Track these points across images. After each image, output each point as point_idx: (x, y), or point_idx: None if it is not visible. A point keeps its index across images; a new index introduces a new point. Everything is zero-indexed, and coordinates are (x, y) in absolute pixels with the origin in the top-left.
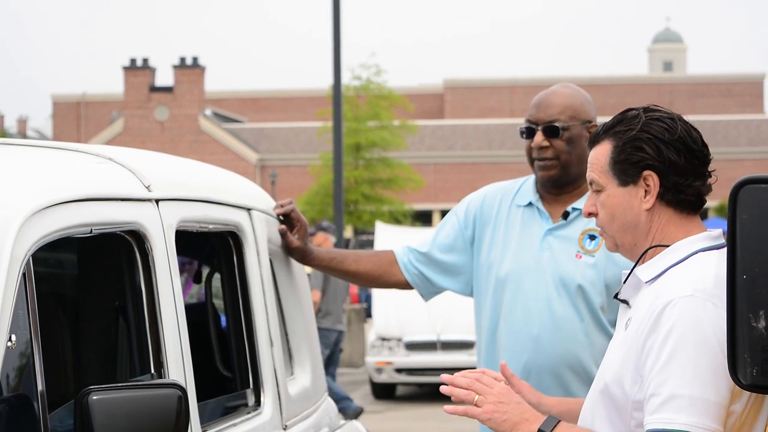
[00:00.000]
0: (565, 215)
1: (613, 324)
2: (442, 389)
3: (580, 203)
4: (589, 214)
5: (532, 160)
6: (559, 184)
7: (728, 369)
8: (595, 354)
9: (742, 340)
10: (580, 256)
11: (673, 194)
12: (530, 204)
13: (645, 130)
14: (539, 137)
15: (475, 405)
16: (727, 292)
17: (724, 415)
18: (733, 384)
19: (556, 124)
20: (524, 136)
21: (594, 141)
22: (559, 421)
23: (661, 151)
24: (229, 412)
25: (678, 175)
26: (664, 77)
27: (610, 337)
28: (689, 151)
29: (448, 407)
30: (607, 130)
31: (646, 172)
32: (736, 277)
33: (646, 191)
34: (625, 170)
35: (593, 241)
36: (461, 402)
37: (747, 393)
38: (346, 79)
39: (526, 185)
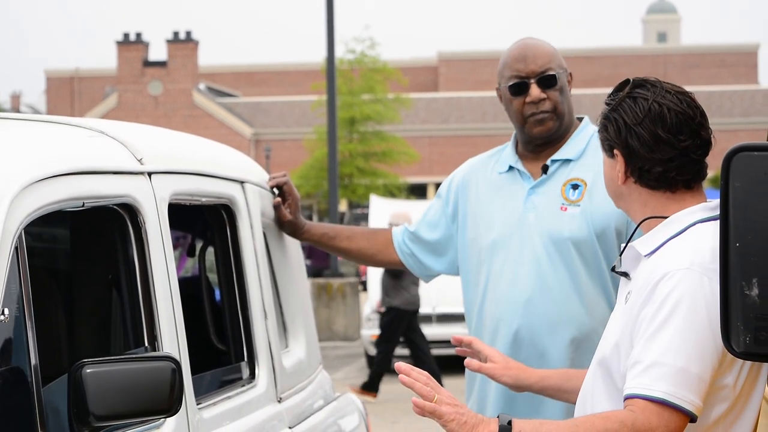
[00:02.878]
0: (545, 169)
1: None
2: (401, 378)
3: (559, 154)
4: None
5: (523, 119)
6: (551, 138)
7: (721, 337)
8: (590, 308)
9: (735, 308)
10: (565, 209)
11: (638, 175)
12: (510, 168)
13: (615, 109)
14: (536, 90)
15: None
16: (720, 260)
17: (704, 390)
18: (718, 360)
19: (552, 73)
20: (512, 93)
21: None
22: (512, 419)
23: (620, 134)
24: (224, 384)
25: (638, 159)
26: (658, 48)
27: (604, 289)
28: (653, 138)
29: (417, 402)
30: (608, 96)
31: (615, 150)
32: (729, 245)
33: (619, 167)
34: (602, 144)
35: (576, 191)
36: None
37: (737, 365)
38: (340, 52)
39: (506, 151)
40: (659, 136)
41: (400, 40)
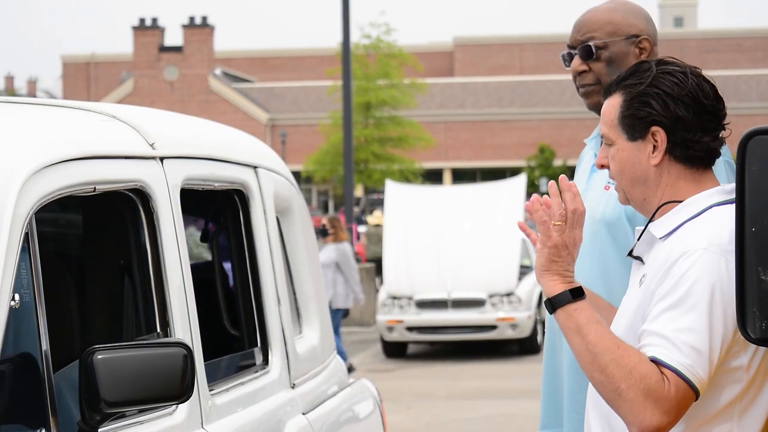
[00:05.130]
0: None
1: None
2: (526, 207)
3: None
4: (602, 167)
5: (578, 89)
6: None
7: (737, 323)
8: (615, 295)
9: (751, 294)
10: (608, 188)
11: (682, 150)
12: (594, 138)
13: (654, 85)
14: (576, 61)
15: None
16: (735, 244)
17: (711, 372)
18: (731, 340)
19: (590, 44)
20: (566, 64)
21: (607, 92)
22: (584, 297)
23: (668, 107)
24: (237, 370)
25: (686, 130)
26: (674, 33)
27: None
28: (699, 106)
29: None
30: (619, 83)
31: (654, 128)
32: (744, 230)
33: (654, 147)
34: (633, 125)
35: None
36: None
37: (752, 346)
38: (355, 37)
39: None
40: (703, 104)
41: (416, 25)
